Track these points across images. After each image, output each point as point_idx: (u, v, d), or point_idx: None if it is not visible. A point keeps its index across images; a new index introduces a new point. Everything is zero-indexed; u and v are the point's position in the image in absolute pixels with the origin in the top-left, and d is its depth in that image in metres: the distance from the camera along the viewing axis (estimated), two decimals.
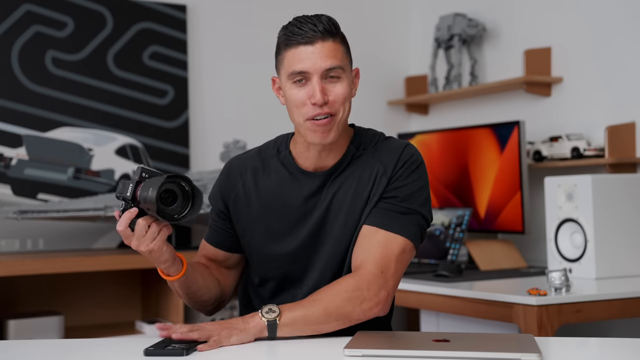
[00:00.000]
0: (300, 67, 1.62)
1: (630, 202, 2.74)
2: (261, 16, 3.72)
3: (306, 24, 1.63)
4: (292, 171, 1.75)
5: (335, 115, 1.65)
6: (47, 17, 3.36)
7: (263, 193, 1.77)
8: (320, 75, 1.63)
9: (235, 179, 1.80)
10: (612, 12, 3.10)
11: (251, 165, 1.79)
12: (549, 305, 2.30)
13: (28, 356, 1.54)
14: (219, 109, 3.70)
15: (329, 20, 1.65)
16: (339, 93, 1.65)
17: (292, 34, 1.63)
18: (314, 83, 1.63)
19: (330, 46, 1.64)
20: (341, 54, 1.66)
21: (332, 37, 1.65)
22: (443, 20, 3.67)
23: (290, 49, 1.64)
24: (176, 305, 3.12)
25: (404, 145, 1.74)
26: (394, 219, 1.67)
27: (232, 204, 1.79)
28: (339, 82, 1.65)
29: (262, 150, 1.82)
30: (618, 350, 1.55)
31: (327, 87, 1.64)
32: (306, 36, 1.62)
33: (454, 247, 3.09)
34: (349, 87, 1.67)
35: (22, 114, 3.30)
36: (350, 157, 1.74)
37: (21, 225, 3.26)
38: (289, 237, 1.75)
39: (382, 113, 4.04)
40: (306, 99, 1.63)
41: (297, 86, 1.65)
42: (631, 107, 3.02)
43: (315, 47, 1.62)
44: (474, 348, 1.41)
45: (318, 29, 1.63)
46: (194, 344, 1.51)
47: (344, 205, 1.72)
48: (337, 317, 1.60)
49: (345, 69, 1.66)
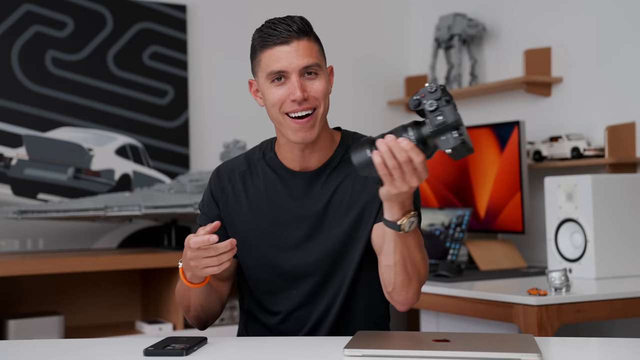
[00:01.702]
0: (278, 66, 1.66)
1: (630, 202, 2.74)
2: (261, 16, 3.71)
3: (280, 24, 1.67)
4: (279, 172, 1.79)
5: (317, 109, 1.69)
6: (47, 17, 3.36)
7: (252, 195, 1.79)
8: (298, 73, 1.66)
9: (224, 183, 1.82)
10: (613, 12, 3.09)
11: (239, 169, 1.82)
12: (549, 305, 2.30)
13: (28, 356, 1.54)
14: (219, 109, 3.70)
15: (301, 20, 1.69)
16: (318, 89, 1.68)
17: (268, 35, 1.67)
18: (292, 81, 1.66)
19: (305, 44, 1.67)
20: (316, 52, 1.70)
21: (306, 36, 1.68)
22: (443, 20, 3.67)
23: (266, 50, 1.67)
24: (176, 306, 3.12)
25: None
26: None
27: (223, 207, 1.81)
28: (316, 78, 1.69)
29: (249, 155, 1.85)
30: (618, 350, 1.55)
31: (305, 84, 1.67)
32: (281, 36, 1.66)
33: (454, 247, 3.09)
34: (326, 82, 1.71)
35: (22, 114, 3.30)
36: (339, 159, 1.78)
37: (21, 225, 3.26)
38: (282, 238, 1.76)
39: (382, 113, 4.04)
40: (285, 96, 1.67)
41: (276, 85, 1.68)
42: (631, 107, 3.02)
43: (291, 47, 1.66)
44: (474, 348, 1.41)
45: (293, 28, 1.66)
46: (194, 344, 1.51)
47: (342, 206, 1.74)
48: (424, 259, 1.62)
49: (321, 66, 1.70)
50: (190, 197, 3.28)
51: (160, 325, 3.12)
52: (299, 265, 1.75)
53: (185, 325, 3.15)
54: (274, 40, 1.66)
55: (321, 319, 1.75)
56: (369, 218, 1.73)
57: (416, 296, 1.65)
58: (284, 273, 1.76)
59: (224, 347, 1.55)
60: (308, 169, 1.77)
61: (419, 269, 1.62)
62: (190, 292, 1.71)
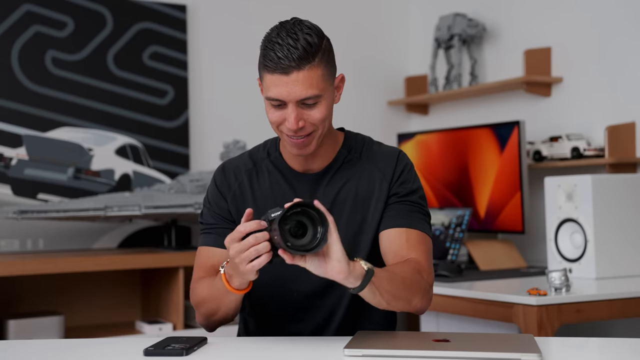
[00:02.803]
0: (276, 94, 1.61)
1: (630, 202, 2.74)
2: (261, 16, 3.72)
3: (283, 48, 1.59)
4: (284, 172, 1.78)
5: (314, 132, 1.67)
6: (47, 17, 3.36)
7: (258, 193, 1.78)
8: (295, 104, 1.62)
9: (231, 179, 1.80)
10: (613, 12, 3.09)
11: (245, 167, 1.81)
12: (549, 305, 2.30)
13: (28, 356, 1.54)
14: (219, 109, 3.70)
15: (306, 44, 1.59)
16: (316, 117, 1.64)
17: (270, 60, 1.60)
18: (289, 111, 1.62)
19: (305, 75, 1.60)
20: (318, 79, 1.61)
21: (308, 64, 1.59)
22: (443, 20, 3.67)
23: (267, 72, 1.62)
24: (176, 305, 3.12)
25: (397, 151, 1.80)
26: (417, 219, 1.73)
27: (230, 202, 1.79)
28: (315, 107, 1.64)
29: (253, 153, 1.84)
30: (618, 350, 1.55)
31: (303, 112, 1.63)
32: (281, 65, 1.59)
33: (454, 247, 3.09)
34: (327, 108, 1.65)
35: (22, 114, 3.30)
36: (342, 160, 1.78)
37: (21, 225, 3.26)
38: None
39: (382, 113, 4.04)
40: (282, 120, 1.65)
41: (275, 108, 1.65)
42: (631, 107, 3.02)
43: (290, 77, 1.59)
44: (474, 348, 1.41)
45: (294, 56, 1.58)
46: (194, 344, 1.51)
47: (346, 208, 1.74)
48: (408, 291, 1.59)
49: (322, 94, 1.64)
50: (190, 197, 3.28)
51: (160, 325, 3.12)
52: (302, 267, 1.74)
53: (186, 325, 3.15)
54: (274, 67, 1.60)
55: (326, 320, 1.74)
56: (373, 222, 1.73)
57: (426, 302, 1.65)
58: (286, 275, 1.75)
59: (224, 347, 1.55)
60: (311, 171, 1.77)
61: (412, 286, 1.60)
62: (230, 298, 1.63)
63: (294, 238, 1.41)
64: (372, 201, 1.74)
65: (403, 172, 1.76)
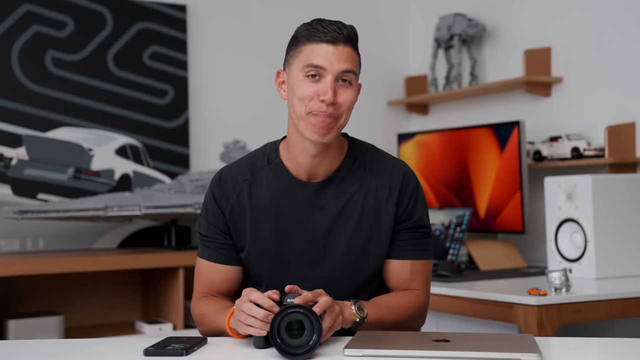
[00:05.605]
0: (319, 61, 1.65)
1: (630, 202, 2.74)
2: (261, 16, 3.72)
3: (331, 24, 1.67)
4: (286, 180, 1.74)
5: (337, 119, 1.68)
6: (47, 17, 3.36)
7: (257, 205, 1.74)
8: (334, 75, 1.65)
9: (229, 191, 1.76)
10: (612, 12, 3.09)
11: (243, 178, 1.77)
12: (549, 305, 2.30)
13: (28, 356, 1.54)
14: (219, 109, 3.70)
15: (351, 30, 1.69)
16: (347, 99, 1.67)
17: (316, 31, 1.66)
18: (327, 81, 1.65)
19: (349, 51, 1.67)
20: (356, 62, 1.70)
21: (352, 45, 1.68)
22: (443, 20, 3.67)
23: (311, 44, 1.66)
24: (176, 305, 3.12)
25: (404, 169, 1.79)
26: (423, 248, 1.79)
27: (229, 215, 1.75)
28: (349, 87, 1.68)
29: (251, 161, 1.79)
30: (618, 350, 1.55)
31: (338, 90, 1.66)
32: (330, 35, 1.65)
33: (454, 247, 3.09)
34: (354, 96, 1.70)
35: (22, 114, 3.30)
36: (346, 170, 1.76)
37: (21, 225, 3.26)
38: (288, 251, 1.73)
39: (382, 113, 4.04)
40: (315, 95, 1.65)
41: (309, 81, 1.66)
42: (631, 107, 3.02)
43: (336, 48, 1.65)
44: (474, 348, 1.41)
45: (342, 32, 1.66)
46: (194, 344, 1.51)
47: (352, 221, 1.73)
48: (402, 322, 1.72)
49: (356, 77, 1.70)
50: (190, 197, 3.28)
51: (160, 325, 3.12)
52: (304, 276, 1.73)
53: (186, 325, 3.15)
54: (322, 37, 1.65)
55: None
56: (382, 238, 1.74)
57: (419, 324, 1.78)
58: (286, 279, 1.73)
59: (224, 347, 1.55)
60: (315, 179, 1.74)
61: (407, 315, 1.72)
62: (228, 333, 1.63)
63: (289, 331, 1.46)
64: (379, 216, 1.73)
65: (412, 197, 1.76)
